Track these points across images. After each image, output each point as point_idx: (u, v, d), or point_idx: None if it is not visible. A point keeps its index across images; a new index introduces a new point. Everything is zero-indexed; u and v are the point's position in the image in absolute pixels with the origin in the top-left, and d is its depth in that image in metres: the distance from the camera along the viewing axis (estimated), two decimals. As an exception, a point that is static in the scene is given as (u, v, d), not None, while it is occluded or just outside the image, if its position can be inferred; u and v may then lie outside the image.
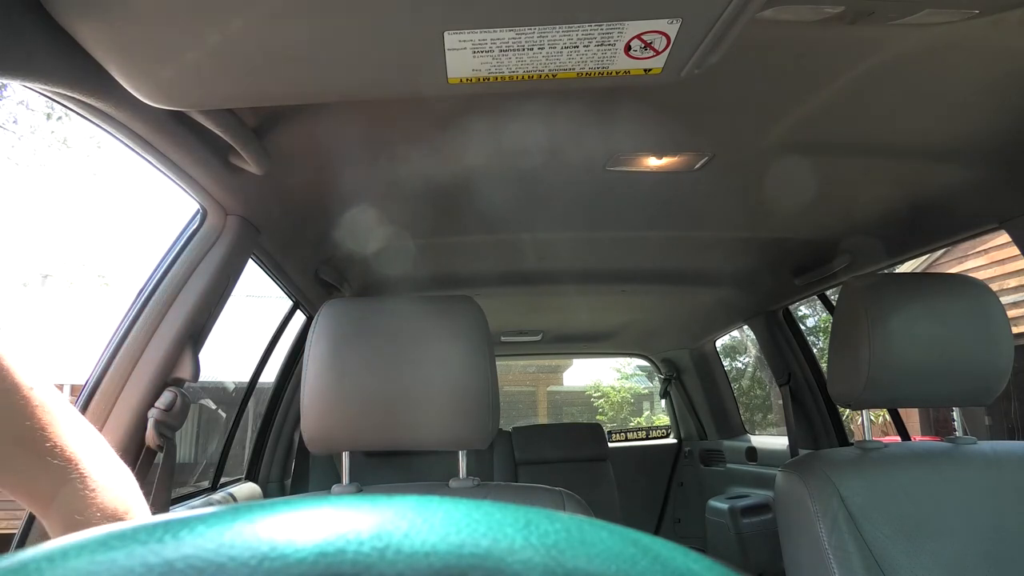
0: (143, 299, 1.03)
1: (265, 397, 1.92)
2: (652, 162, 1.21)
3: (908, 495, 1.02)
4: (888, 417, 2.42)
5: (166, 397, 0.99)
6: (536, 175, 1.26)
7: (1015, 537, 1.00)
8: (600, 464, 2.74)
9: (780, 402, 2.48)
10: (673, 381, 3.36)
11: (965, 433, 1.15)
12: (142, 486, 1.01)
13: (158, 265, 1.06)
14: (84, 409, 0.95)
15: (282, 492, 1.90)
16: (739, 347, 9.56)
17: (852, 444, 1.19)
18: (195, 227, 1.11)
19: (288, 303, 1.78)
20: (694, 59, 0.66)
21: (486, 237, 1.65)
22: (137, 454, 0.98)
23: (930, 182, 1.29)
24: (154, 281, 1.04)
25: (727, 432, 3.05)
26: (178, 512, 0.20)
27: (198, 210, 1.10)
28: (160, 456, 0.98)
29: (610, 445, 3.14)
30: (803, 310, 6.96)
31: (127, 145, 0.87)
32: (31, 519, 0.89)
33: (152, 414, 0.97)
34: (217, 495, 1.52)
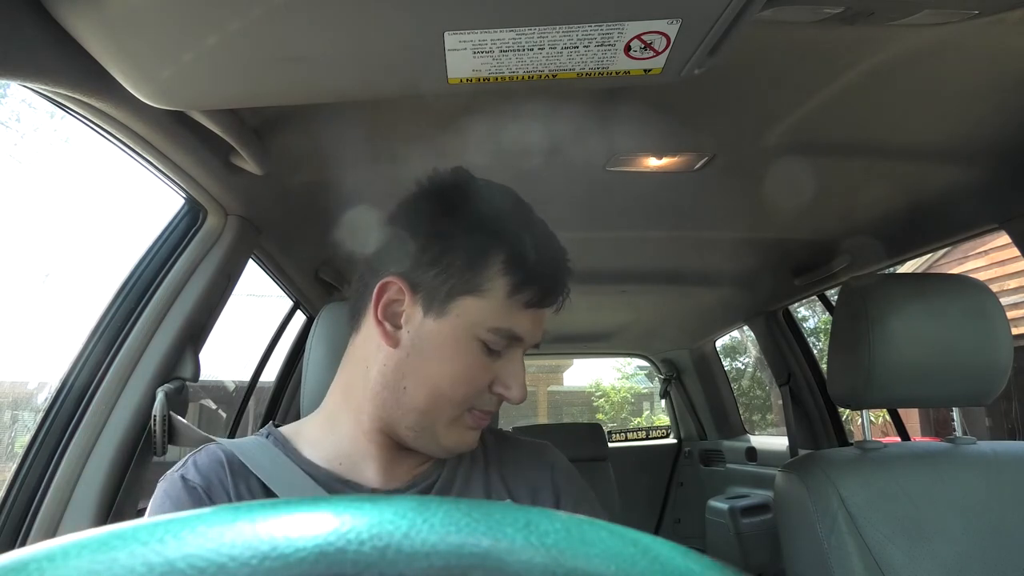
0: (143, 299, 1.03)
1: (265, 397, 1.92)
2: (652, 162, 1.21)
3: (908, 495, 1.02)
4: (888, 417, 2.42)
5: (174, 382, 1.00)
6: (536, 175, 1.26)
7: (1014, 537, 1.00)
8: (600, 464, 2.73)
9: (780, 402, 2.48)
10: (673, 381, 3.36)
11: (965, 433, 1.14)
12: (140, 485, 1.02)
13: (160, 266, 1.06)
14: (85, 409, 0.95)
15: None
16: (739, 347, 9.56)
17: (852, 444, 1.19)
18: (195, 227, 1.11)
19: (288, 303, 1.78)
20: (694, 59, 0.66)
21: None
22: (136, 454, 0.98)
23: (930, 182, 1.29)
24: (154, 282, 1.04)
25: (727, 432, 3.05)
26: (179, 512, 0.20)
27: (184, 204, 1.10)
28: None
29: (610, 445, 3.14)
30: (802, 311, 6.96)
31: (127, 145, 0.87)
32: (32, 517, 0.89)
33: (163, 388, 0.98)
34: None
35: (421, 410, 0.64)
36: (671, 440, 3.55)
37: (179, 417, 1.00)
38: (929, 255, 5.27)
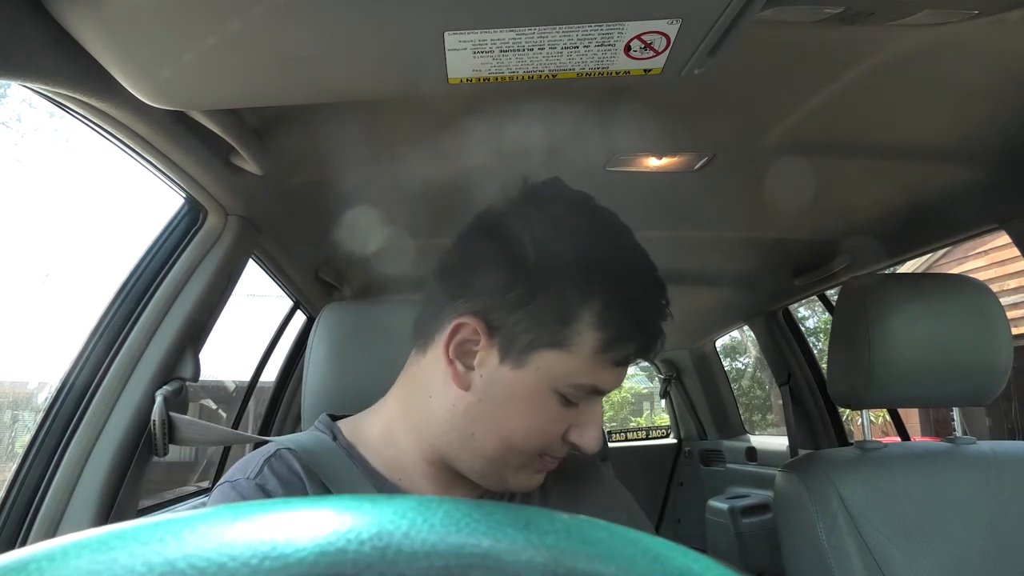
0: (143, 299, 1.03)
1: (265, 397, 1.92)
2: (652, 162, 1.21)
3: (908, 495, 1.02)
4: (888, 417, 2.42)
5: (174, 383, 1.00)
6: (536, 175, 1.26)
7: (1014, 537, 1.00)
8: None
9: (780, 402, 2.48)
10: (673, 381, 3.36)
11: (965, 433, 1.14)
12: (139, 485, 1.02)
13: (160, 266, 1.06)
14: (85, 409, 0.95)
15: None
16: (739, 347, 9.55)
17: (852, 444, 1.19)
18: (195, 227, 1.11)
19: (288, 303, 1.78)
20: (694, 59, 0.66)
21: None
22: (136, 454, 0.98)
23: (930, 182, 1.29)
24: (154, 282, 1.04)
25: (727, 432, 3.05)
26: (179, 511, 0.20)
27: (184, 204, 1.09)
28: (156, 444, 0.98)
29: (610, 445, 3.14)
30: (802, 311, 6.96)
31: (128, 145, 0.87)
32: (32, 517, 0.89)
33: (162, 391, 0.98)
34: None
35: (490, 458, 0.60)
36: (671, 440, 3.55)
37: (181, 416, 1.00)
38: (929, 255, 5.27)
